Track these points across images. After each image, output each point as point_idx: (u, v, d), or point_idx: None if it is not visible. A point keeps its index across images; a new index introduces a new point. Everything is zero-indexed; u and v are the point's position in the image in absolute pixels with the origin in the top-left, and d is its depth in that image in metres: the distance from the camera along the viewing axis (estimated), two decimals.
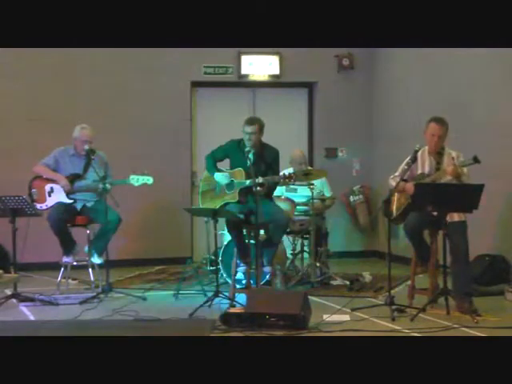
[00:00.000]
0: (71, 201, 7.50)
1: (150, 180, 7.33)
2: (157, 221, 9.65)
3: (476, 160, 6.22)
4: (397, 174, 6.76)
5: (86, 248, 7.59)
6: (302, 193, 8.14)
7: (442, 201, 6.17)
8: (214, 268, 7.75)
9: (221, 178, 7.15)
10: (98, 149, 7.62)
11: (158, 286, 7.97)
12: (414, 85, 9.40)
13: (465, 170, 6.43)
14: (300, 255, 8.32)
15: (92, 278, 7.56)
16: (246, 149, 6.98)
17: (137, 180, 7.33)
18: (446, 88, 8.70)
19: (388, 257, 6.47)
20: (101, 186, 7.26)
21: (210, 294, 6.80)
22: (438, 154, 6.66)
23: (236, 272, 7.15)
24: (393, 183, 6.68)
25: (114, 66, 9.56)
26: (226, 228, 7.18)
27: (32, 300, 7.01)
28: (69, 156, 7.64)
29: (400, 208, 6.70)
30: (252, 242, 7.00)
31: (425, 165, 6.68)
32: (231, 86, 10.12)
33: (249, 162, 6.90)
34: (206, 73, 9.88)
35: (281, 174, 7.06)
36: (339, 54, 10.10)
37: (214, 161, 7.30)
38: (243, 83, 10.11)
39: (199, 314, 6.40)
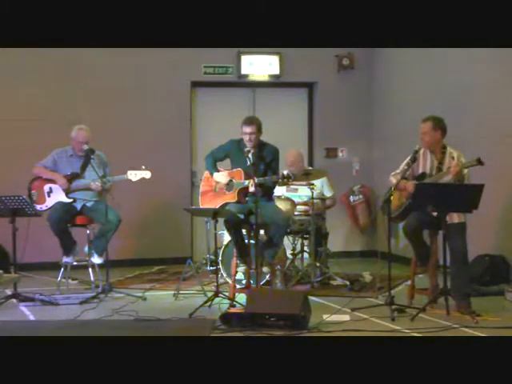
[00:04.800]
0: (70, 200, 7.51)
1: (147, 174, 7.34)
2: (157, 221, 9.65)
3: (479, 162, 6.20)
4: (398, 171, 6.76)
5: (86, 248, 7.60)
6: (302, 193, 8.13)
7: (442, 201, 6.17)
8: (214, 268, 7.75)
9: (220, 177, 7.16)
10: (98, 149, 7.64)
11: (157, 286, 7.97)
12: (414, 84, 9.40)
13: (465, 170, 6.43)
14: (300, 255, 8.32)
15: (92, 278, 7.57)
16: (246, 149, 6.98)
17: (135, 175, 7.34)
18: (446, 88, 8.69)
19: (388, 257, 6.47)
20: (99, 183, 7.27)
21: (209, 294, 6.80)
22: (440, 153, 6.65)
23: (236, 272, 7.15)
24: (393, 181, 6.68)
25: (113, 65, 9.55)
26: (224, 228, 7.18)
27: (32, 300, 7.01)
28: (67, 156, 7.65)
29: (401, 207, 6.70)
30: (252, 241, 7.00)
31: (426, 163, 6.68)
32: (231, 86, 10.11)
33: (248, 162, 6.90)
34: (206, 73, 9.88)
35: (280, 173, 7.05)
36: (339, 54, 10.09)
37: (213, 161, 7.30)
38: (243, 83, 10.10)
39: (199, 314, 6.40)
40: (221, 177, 7.14)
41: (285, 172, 6.97)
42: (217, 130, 9.53)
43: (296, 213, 7.98)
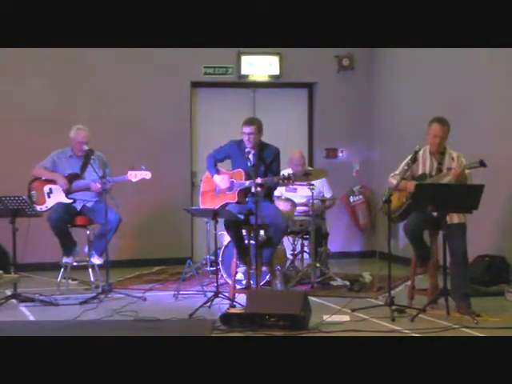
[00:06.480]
0: (70, 200, 7.51)
1: (148, 175, 7.34)
2: (157, 221, 9.65)
3: (482, 164, 6.20)
4: (397, 172, 6.75)
5: (86, 248, 7.60)
6: (301, 193, 8.13)
7: (443, 201, 6.17)
8: (214, 268, 7.75)
9: (220, 181, 7.15)
10: (98, 149, 7.64)
11: (157, 286, 7.97)
12: (414, 85, 9.40)
13: (467, 171, 6.42)
14: (300, 255, 8.32)
15: (92, 279, 7.57)
16: (247, 149, 6.99)
17: (135, 175, 7.35)
18: (446, 88, 8.69)
19: (388, 257, 6.47)
20: (99, 184, 7.27)
21: (209, 295, 6.80)
22: (440, 154, 6.65)
23: (236, 272, 7.15)
24: (393, 181, 6.67)
25: (114, 66, 9.56)
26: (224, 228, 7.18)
27: (32, 300, 7.01)
28: (66, 157, 7.66)
29: (401, 207, 6.69)
30: (252, 242, 7.00)
31: (426, 164, 6.68)
32: (231, 87, 10.12)
33: (249, 163, 6.90)
34: (206, 73, 9.88)
35: (280, 174, 7.05)
36: (339, 54, 10.10)
37: (214, 161, 7.30)
38: (243, 83, 10.11)
39: (199, 314, 6.40)
40: (221, 181, 7.12)
41: (285, 173, 6.99)
42: (217, 131, 9.53)
43: (296, 213, 7.98)
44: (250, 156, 7.00)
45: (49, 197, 7.53)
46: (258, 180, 6.79)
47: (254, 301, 6.01)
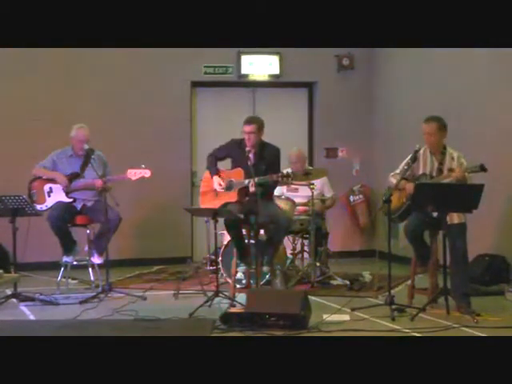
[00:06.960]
0: (70, 200, 7.51)
1: (147, 173, 7.34)
2: (157, 220, 9.65)
3: (483, 168, 6.20)
4: (397, 171, 6.75)
5: (86, 248, 7.61)
6: (302, 193, 8.13)
7: (443, 201, 6.17)
8: (214, 268, 7.75)
9: (217, 183, 7.13)
10: (98, 148, 7.65)
11: (157, 286, 7.97)
12: (414, 84, 9.40)
13: (466, 174, 6.43)
14: (300, 255, 8.32)
15: (92, 278, 7.57)
16: (247, 148, 6.98)
17: (134, 174, 7.35)
18: (446, 88, 8.69)
19: (388, 257, 6.47)
20: (101, 182, 7.28)
21: (209, 294, 6.80)
22: (440, 153, 6.65)
23: (236, 272, 7.15)
24: (393, 181, 6.67)
25: (114, 66, 9.55)
26: (224, 228, 7.17)
27: (32, 300, 7.01)
28: (67, 157, 7.66)
29: (401, 208, 6.70)
30: (252, 241, 7.00)
31: (426, 164, 6.67)
32: (231, 86, 10.11)
33: (249, 162, 6.90)
34: (206, 73, 9.88)
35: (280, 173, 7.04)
36: (339, 54, 10.09)
37: (215, 160, 7.29)
38: (243, 83, 10.11)
39: (199, 313, 6.40)
40: (217, 183, 7.10)
41: (284, 171, 6.98)
42: (217, 130, 9.54)
43: (296, 213, 7.97)
44: (251, 155, 7.00)
45: (49, 196, 7.54)
46: (257, 179, 6.79)
47: (254, 300, 6.02)
